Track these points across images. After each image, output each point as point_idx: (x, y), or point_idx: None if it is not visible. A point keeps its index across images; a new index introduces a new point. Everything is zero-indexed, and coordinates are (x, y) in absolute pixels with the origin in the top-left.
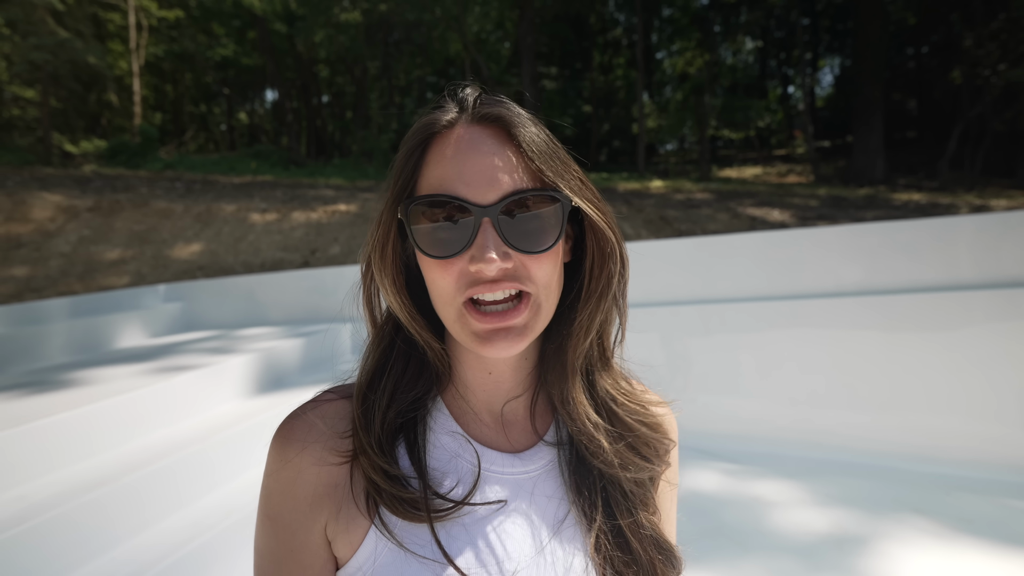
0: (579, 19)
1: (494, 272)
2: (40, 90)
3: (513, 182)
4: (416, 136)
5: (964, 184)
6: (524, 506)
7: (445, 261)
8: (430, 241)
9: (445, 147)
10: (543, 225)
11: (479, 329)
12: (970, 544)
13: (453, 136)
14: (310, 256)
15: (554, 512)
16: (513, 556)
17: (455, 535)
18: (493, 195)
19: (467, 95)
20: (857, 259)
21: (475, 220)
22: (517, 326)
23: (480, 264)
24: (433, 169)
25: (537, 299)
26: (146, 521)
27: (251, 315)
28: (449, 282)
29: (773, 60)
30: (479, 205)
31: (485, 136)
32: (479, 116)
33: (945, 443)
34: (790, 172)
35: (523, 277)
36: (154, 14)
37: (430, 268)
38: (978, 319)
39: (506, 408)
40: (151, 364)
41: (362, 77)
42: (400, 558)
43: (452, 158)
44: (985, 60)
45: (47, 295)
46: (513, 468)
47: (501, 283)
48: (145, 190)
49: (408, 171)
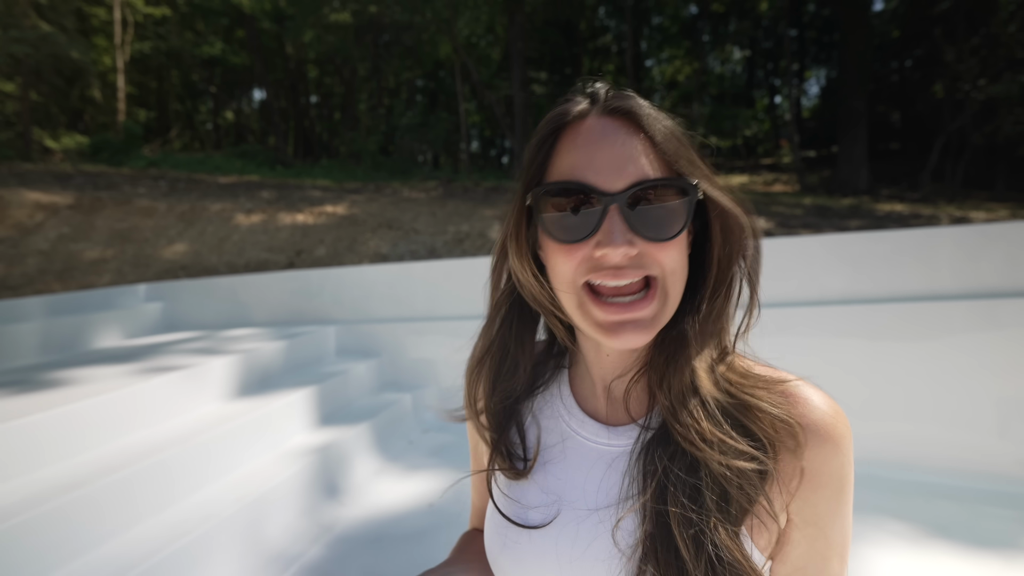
0: (569, 25)
1: (619, 258)
2: (21, 84)
3: (641, 171)
4: (548, 126)
5: (945, 196)
6: (597, 475)
7: (571, 246)
8: (558, 226)
9: (576, 137)
10: (670, 214)
11: (604, 320)
12: (946, 550)
13: (584, 127)
14: (295, 257)
15: (620, 490)
16: (549, 518)
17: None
18: (621, 183)
19: (598, 89)
20: (840, 268)
21: (603, 206)
22: (645, 318)
23: (606, 249)
24: (563, 158)
25: (664, 285)
26: (125, 523)
27: (234, 316)
28: (572, 266)
29: (760, 70)
30: (607, 192)
31: (616, 127)
32: (610, 108)
33: (924, 451)
34: (776, 181)
35: (648, 264)
36: (140, 10)
37: (554, 253)
38: (958, 329)
39: (613, 384)
40: (131, 365)
41: (351, 78)
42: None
43: (582, 147)
44: (966, 75)
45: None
46: (601, 439)
47: (625, 270)
48: (128, 188)
49: (540, 160)
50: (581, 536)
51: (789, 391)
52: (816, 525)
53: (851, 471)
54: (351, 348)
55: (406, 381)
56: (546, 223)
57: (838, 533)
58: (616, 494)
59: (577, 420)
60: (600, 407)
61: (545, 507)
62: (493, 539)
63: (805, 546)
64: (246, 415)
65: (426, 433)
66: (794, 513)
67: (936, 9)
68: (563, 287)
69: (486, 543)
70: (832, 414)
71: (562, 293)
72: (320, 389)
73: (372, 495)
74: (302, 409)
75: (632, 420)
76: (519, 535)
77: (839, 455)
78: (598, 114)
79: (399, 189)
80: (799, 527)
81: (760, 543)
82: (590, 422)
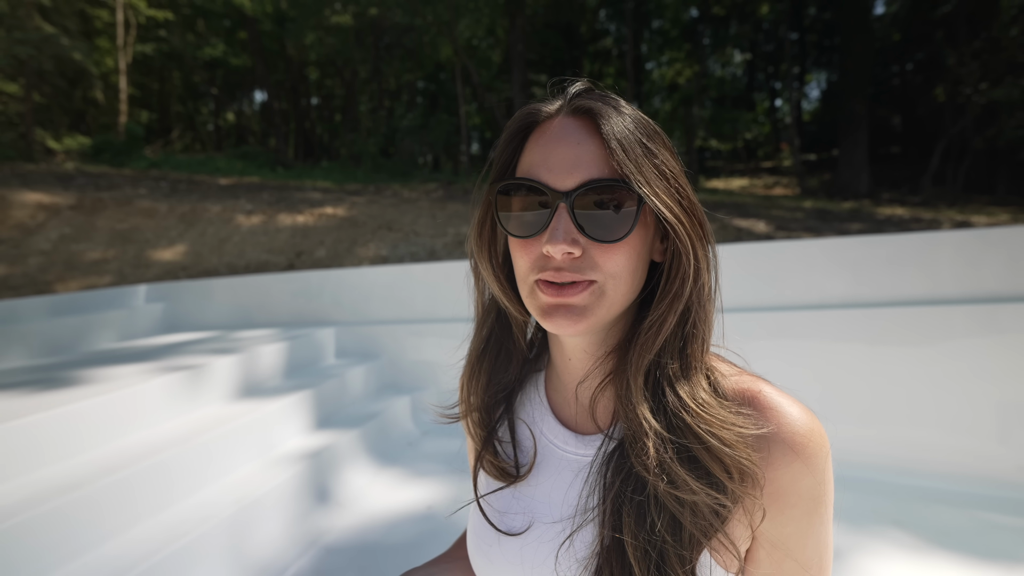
0: (570, 28)
1: (559, 256)
2: (23, 85)
3: (592, 171)
4: (516, 124)
5: (946, 200)
6: (564, 484)
7: (525, 241)
8: (515, 222)
9: (540, 136)
10: (617, 216)
11: (543, 302)
12: (946, 556)
13: (550, 126)
14: (295, 259)
15: (580, 502)
16: (520, 526)
17: (502, 494)
18: (571, 182)
19: (570, 88)
20: (841, 272)
21: (553, 205)
22: (576, 305)
23: (549, 247)
24: (526, 156)
25: (602, 286)
26: (124, 524)
27: (234, 317)
28: (527, 262)
29: (761, 73)
30: (557, 190)
31: (576, 127)
32: (573, 108)
33: (925, 456)
34: (776, 184)
35: (588, 267)
36: (143, 12)
37: (513, 247)
38: (958, 333)
39: (579, 390)
40: (131, 365)
41: (352, 80)
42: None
43: (543, 146)
44: (967, 79)
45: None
46: (570, 447)
47: (564, 273)
48: (129, 189)
49: (506, 157)
50: (544, 545)
51: (760, 404)
52: (784, 547)
53: (826, 488)
54: (351, 350)
55: (406, 383)
56: (504, 219)
57: (812, 554)
58: (580, 505)
59: (550, 426)
60: (571, 414)
61: (515, 514)
62: (472, 539)
63: (772, 569)
64: (246, 416)
65: (426, 435)
66: (760, 534)
67: (937, 13)
68: (520, 279)
69: (467, 542)
70: (804, 429)
71: (520, 283)
72: (320, 391)
73: (371, 497)
74: (301, 411)
75: (600, 429)
76: (492, 539)
77: (811, 473)
78: (564, 114)
79: (399, 191)
80: (765, 548)
81: (723, 560)
82: (561, 429)
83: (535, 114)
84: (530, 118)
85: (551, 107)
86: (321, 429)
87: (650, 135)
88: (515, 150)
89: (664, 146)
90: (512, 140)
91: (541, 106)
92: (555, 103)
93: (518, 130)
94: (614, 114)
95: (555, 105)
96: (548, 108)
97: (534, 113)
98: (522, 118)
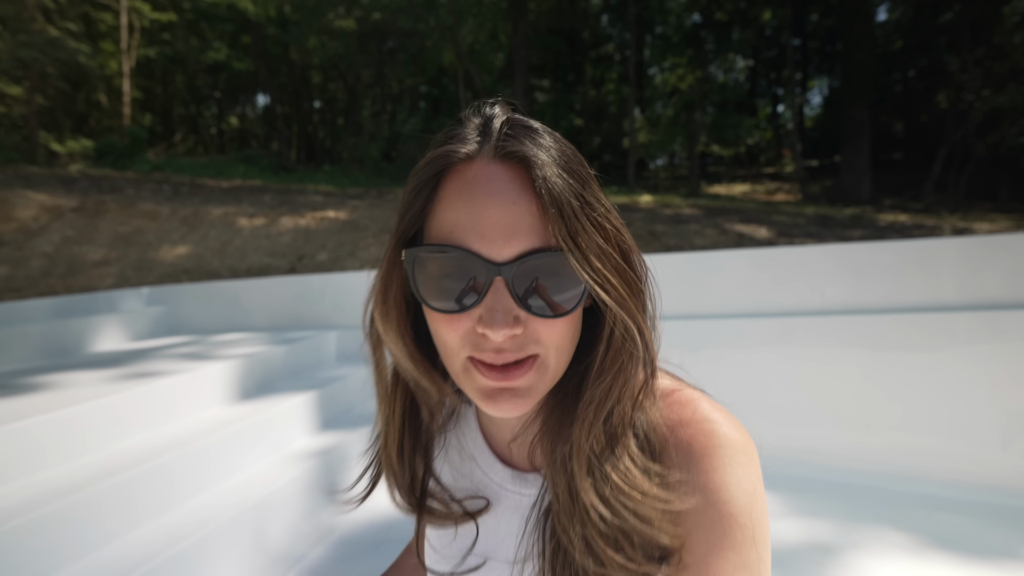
0: (572, 33)
1: (501, 339)
2: (27, 88)
3: (532, 239)
4: (429, 169)
5: (948, 206)
6: (506, 523)
7: (452, 316)
8: (436, 293)
9: (461, 185)
10: (563, 288)
11: (484, 386)
12: (948, 563)
13: (471, 173)
14: (297, 262)
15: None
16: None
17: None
18: (508, 251)
19: (492, 121)
20: (842, 278)
21: (487, 278)
22: (521, 387)
23: (487, 329)
24: (445, 211)
25: (546, 361)
26: (126, 526)
27: (236, 320)
28: (456, 338)
29: (763, 79)
30: (493, 262)
31: (507, 178)
32: (502, 153)
33: (926, 463)
34: (778, 190)
35: (531, 343)
36: (147, 16)
37: (435, 320)
38: (960, 340)
39: (513, 444)
40: (132, 368)
41: (355, 84)
42: None
43: (467, 202)
44: (969, 85)
45: (27, 295)
46: (509, 486)
47: (506, 353)
48: (132, 191)
49: (417, 208)
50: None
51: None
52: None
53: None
54: (352, 353)
55: None
56: (423, 288)
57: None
58: (524, 546)
59: (489, 463)
60: (507, 448)
61: (461, 556)
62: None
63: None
64: (247, 419)
65: None
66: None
67: (940, 20)
68: (446, 355)
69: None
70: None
71: (447, 359)
72: (321, 394)
73: (371, 499)
74: (303, 413)
75: (535, 468)
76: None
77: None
78: (488, 157)
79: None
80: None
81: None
82: (500, 467)
83: (450, 156)
84: (445, 160)
85: (469, 146)
86: (324, 431)
87: (580, 176)
88: (428, 199)
89: (591, 180)
90: (424, 187)
91: (456, 147)
92: (472, 139)
93: (430, 177)
94: (543, 155)
95: (473, 143)
96: (464, 149)
97: (449, 155)
98: (436, 161)
